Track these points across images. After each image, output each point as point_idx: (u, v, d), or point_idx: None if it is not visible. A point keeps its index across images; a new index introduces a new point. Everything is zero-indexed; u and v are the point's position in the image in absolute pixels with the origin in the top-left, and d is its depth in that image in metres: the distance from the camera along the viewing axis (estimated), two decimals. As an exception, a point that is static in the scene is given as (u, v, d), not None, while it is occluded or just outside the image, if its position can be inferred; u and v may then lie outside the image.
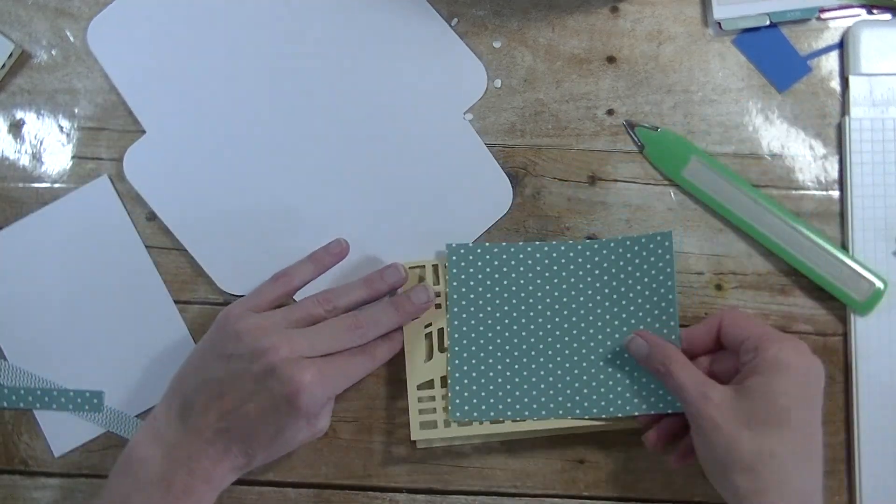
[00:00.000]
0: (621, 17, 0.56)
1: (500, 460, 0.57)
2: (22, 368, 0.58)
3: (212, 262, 0.57)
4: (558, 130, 0.57)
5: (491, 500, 0.57)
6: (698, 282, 0.56)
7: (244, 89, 0.57)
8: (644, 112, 0.56)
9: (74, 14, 0.58)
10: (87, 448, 0.58)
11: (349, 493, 0.58)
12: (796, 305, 0.56)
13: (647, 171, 0.56)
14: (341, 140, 0.57)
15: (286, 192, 0.57)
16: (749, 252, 0.56)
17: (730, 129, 0.56)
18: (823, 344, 0.56)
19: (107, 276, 0.57)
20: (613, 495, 0.57)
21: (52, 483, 0.58)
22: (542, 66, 0.57)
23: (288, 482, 0.58)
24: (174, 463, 0.48)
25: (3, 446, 0.58)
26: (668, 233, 0.53)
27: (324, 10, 0.57)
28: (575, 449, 0.57)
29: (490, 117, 0.57)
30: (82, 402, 0.57)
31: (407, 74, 0.57)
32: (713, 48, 0.56)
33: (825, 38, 0.56)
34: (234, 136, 0.57)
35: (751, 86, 0.56)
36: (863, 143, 0.55)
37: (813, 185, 0.56)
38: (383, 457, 0.57)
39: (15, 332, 0.58)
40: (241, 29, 0.57)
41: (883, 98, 0.55)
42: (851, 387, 0.55)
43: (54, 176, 0.58)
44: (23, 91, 0.58)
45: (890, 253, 0.55)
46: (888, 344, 0.54)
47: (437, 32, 0.57)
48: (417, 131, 0.57)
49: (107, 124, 0.58)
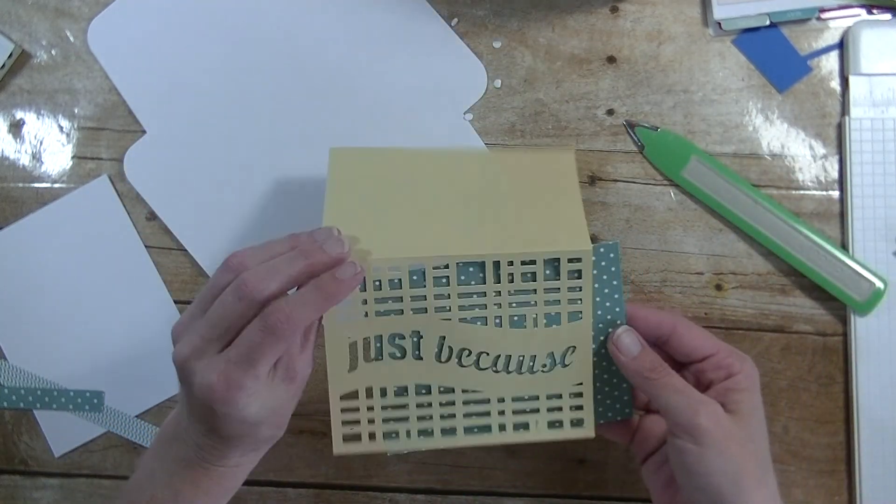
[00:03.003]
0: (621, 17, 0.56)
1: (500, 460, 0.57)
2: (22, 368, 0.58)
3: (212, 262, 0.57)
4: (558, 130, 0.57)
5: (491, 500, 0.57)
6: (698, 282, 0.56)
7: (244, 89, 0.57)
8: (644, 112, 0.56)
9: (74, 14, 0.58)
10: (87, 448, 0.58)
11: (349, 493, 0.58)
12: (796, 305, 0.56)
13: (647, 171, 0.56)
14: (342, 140, 0.57)
15: (286, 192, 0.57)
16: (749, 252, 0.56)
17: (730, 129, 0.56)
18: (823, 344, 0.56)
19: (107, 276, 0.58)
20: (613, 495, 0.57)
21: (52, 483, 0.58)
22: (542, 66, 0.57)
23: (288, 482, 0.58)
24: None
25: (3, 446, 0.58)
26: (615, 244, 0.48)
27: (324, 10, 0.57)
28: (575, 449, 0.57)
29: (490, 117, 0.57)
30: (82, 402, 0.57)
31: (407, 74, 0.57)
32: (713, 48, 0.56)
33: (825, 38, 0.56)
34: (234, 136, 0.57)
35: (751, 86, 0.56)
36: (863, 143, 0.55)
37: (813, 185, 0.56)
38: (383, 457, 0.57)
39: (15, 332, 0.58)
40: (241, 29, 0.57)
41: (883, 98, 0.55)
42: (851, 387, 0.55)
43: (54, 176, 0.58)
44: (23, 91, 0.58)
45: (890, 253, 0.55)
46: (888, 344, 0.54)
47: (437, 32, 0.57)
48: (418, 131, 0.57)
49: (107, 124, 0.58)
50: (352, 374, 0.48)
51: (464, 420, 0.48)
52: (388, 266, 0.46)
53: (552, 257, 0.47)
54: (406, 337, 0.47)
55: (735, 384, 0.46)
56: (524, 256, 0.47)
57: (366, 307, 0.47)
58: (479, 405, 0.48)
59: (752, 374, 0.46)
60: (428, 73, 0.57)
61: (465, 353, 0.48)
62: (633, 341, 0.47)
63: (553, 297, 0.47)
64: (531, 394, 0.48)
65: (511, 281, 0.47)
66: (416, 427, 0.48)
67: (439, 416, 0.48)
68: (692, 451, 0.43)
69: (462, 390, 0.48)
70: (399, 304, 0.47)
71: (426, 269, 0.46)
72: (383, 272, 0.46)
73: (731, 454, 0.43)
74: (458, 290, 0.47)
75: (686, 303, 0.56)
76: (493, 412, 0.48)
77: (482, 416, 0.48)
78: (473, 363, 0.48)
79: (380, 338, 0.47)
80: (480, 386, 0.48)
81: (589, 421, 0.49)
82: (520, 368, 0.48)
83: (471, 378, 0.48)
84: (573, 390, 0.48)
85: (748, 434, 0.44)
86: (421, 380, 0.48)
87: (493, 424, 0.48)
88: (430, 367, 0.48)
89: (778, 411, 0.56)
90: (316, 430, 0.58)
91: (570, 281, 0.47)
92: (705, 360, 0.47)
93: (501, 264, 0.47)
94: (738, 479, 0.43)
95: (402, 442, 0.48)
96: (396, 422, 0.48)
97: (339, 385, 0.48)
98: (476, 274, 0.47)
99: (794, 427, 0.56)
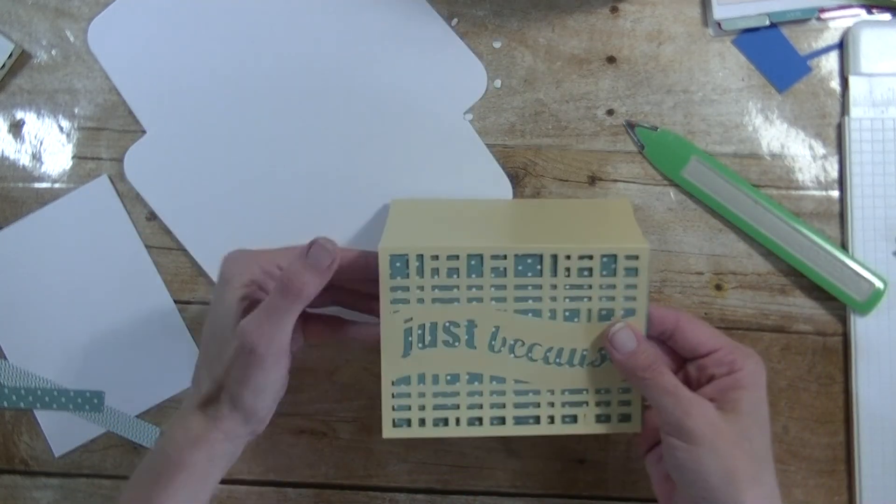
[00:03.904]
0: (621, 17, 0.56)
1: (500, 460, 0.57)
2: (22, 368, 0.58)
3: (212, 262, 0.57)
4: (558, 130, 0.57)
5: (491, 500, 0.57)
6: (698, 282, 0.56)
7: (244, 89, 0.57)
8: (644, 112, 0.56)
9: (74, 14, 0.58)
10: (87, 448, 0.58)
11: (349, 493, 0.58)
12: (796, 305, 0.56)
13: (647, 171, 0.56)
14: (342, 140, 0.57)
15: (286, 192, 0.57)
16: (749, 252, 0.56)
17: (730, 129, 0.56)
18: (823, 344, 0.56)
19: (107, 276, 0.58)
20: (613, 495, 0.57)
21: (52, 483, 0.58)
22: (542, 66, 0.57)
23: (288, 482, 0.58)
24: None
25: (3, 446, 0.58)
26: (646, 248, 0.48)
27: (324, 10, 0.57)
28: (575, 449, 0.57)
29: (490, 117, 0.57)
30: (82, 402, 0.57)
31: (407, 74, 0.57)
32: (713, 48, 0.56)
33: (825, 38, 0.56)
34: (234, 136, 0.57)
35: (751, 86, 0.56)
36: (863, 143, 0.55)
37: (813, 185, 0.56)
38: (383, 457, 0.57)
39: (15, 332, 0.58)
40: (241, 29, 0.57)
41: (883, 98, 0.55)
42: (851, 387, 0.55)
43: (54, 176, 0.58)
44: (23, 91, 0.58)
45: (890, 253, 0.55)
46: (888, 344, 0.54)
47: (437, 32, 0.57)
48: (417, 131, 0.57)
49: (107, 124, 0.58)
50: (405, 359, 0.48)
51: (514, 410, 0.49)
52: (447, 254, 0.47)
53: (610, 254, 0.47)
54: (460, 325, 0.48)
55: (735, 382, 0.46)
56: (582, 251, 0.47)
57: (422, 294, 0.48)
58: (531, 396, 0.49)
59: (755, 371, 0.46)
60: (428, 73, 0.57)
61: (518, 343, 0.49)
62: (629, 337, 0.47)
63: (608, 293, 0.48)
64: (581, 387, 0.49)
65: (567, 275, 0.48)
66: (466, 415, 0.49)
67: (489, 405, 0.49)
68: (684, 449, 0.44)
69: (514, 380, 0.49)
70: (456, 292, 0.48)
71: (484, 257, 0.47)
72: (442, 261, 0.47)
73: (723, 453, 0.43)
74: (514, 282, 0.48)
75: (686, 303, 0.56)
76: (542, 403, 0.49)
77: (532, 406, 0.49)
78: (525, 354, 0.49)
79: (435, 325, 0.48)
80: (531, 377, 0.49)
81: (636, 416, 0.49)
82: (571, 362, 0.49)
83: (522, 369, 0.49)
84: (622, 385, 0.49)
85: (742, 432, 0.44)
86: (473, 368, 0.49)
87: (542, 416, 0.49)
88: (482, 356, 0.49)
89: (778, 411, 0.56)
90: (316, 430, 0.58)
91: (627, 279, 0.48)
92: (709, 355, 0.47)
93: (559, 258, 0.47)
94: (730, 478, 0.43)
95: (451, 429, 0.49)
96: (447, 409, 0.49)
97: (392, 370, 0.48)
98: (533, 267, 0.48)
99: (794, 427, 0.56)
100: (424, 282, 0.47)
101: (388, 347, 0.48)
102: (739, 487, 0.43)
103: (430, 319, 0.48)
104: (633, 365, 0.46)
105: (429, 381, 0.49)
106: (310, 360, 0.58)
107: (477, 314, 0.48)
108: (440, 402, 0.49)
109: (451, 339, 0.48)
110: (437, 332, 0.48)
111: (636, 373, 0.46)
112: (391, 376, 0.49)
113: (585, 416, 0.49)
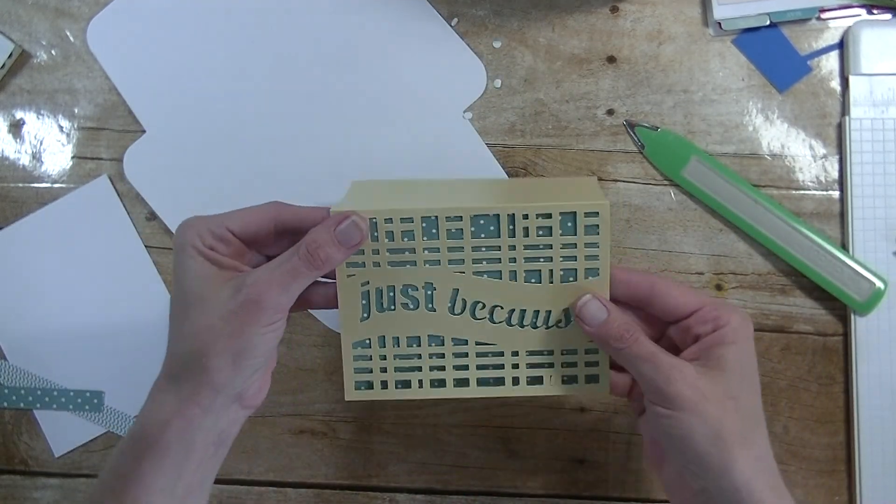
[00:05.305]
0: (621, 17, 0.56)
1: (500, 460, 0.57)
2: (22, 368, 0.58)
3: (212, 262, 0.57)
4: (558, 130, 0.57)
5: (491, 500, 0.57)
6: (698, 282, 0.56)
7: (244, 89, 0.57)
8: (644, 112, 0.56)
9: (74, 14, 0.58)
10: (87, 448, 0.58)
11: (349, 493, 0.58)
12: (796, 305, 0.56)
13: (647, 171, 0.56)
14: (341, 139, 0.57)
15: (286, 192, 0.57)
16: (749, 252, 0.56)
17: (730, 129, 0.56)
18: (823, 344, 0.56)
19: (107, 276, 0.58)
20: (613, 495, 0.57)
21: (52, 483, 0.58)
22: (542, 66, 0.57)
23: (288, 482, 0.58)
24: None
25: (3, 446, 0.58)
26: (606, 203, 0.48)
27: (323, 9, 0.57)
28: (575, 449, 0.57)
29: (490, 117, 0.57)
30: (82, 402, 0.57)
31: (407, 74, 0.57)
32: (713, 48, 0.56)
33: (825, 38, 0.56)
34: (234, 136, 0.57)
35: (751, 86, 0.56)
36: (863, 143, 0.55)
37: (813, 185, 0.56)
38: (383, 457, 0.57)
39: (15, 332, 0.58)
40: (241, 28, 0.57)
41: (883, 98, 0.55)
42: (851, 387, 0.55)
43: (54, 176, 0.58)
44: (23, 91, 0.58)
45: (890, 253, 0.55)
46: (888, 344, 0.54)
47: (437, 32, 0.57)
48: (417, 131, 0.57)
49: (107, 124, 0.58)
50: (364, 323, 0.48)
51: (477, 372, 0.49)
52: (401, 217, 0.47)
53: (569, 211, 0.47)
54: (419, 288, 0.48)
55: (720, 338, 0.44)
56: (540, 210, 0.47)
57: (378, 257, 0.47)
58: (493, 357, 0.49)
59: (740, 325, 0.44)
60: (428, 73, 0.57)
61: (478, 305, 0.48)
62: (598, 308, 0.46)
63: (570, 252, 0.47)
64: (546, 349, 0.49)
65: (526, 235, 0.47)
66: (428, 377, 0.49)
67: (452, 367, 0.49)
68: (668, 416, 0.43)
69: (476, 342, 0.49)
70: (412, 255, 0.48)
71: (439, 219, 0.47)
72: (396, 223, 0.47)
73: (709, 416, 0.42)
74: (472, 244, 0.47)
75: (686, 303, 0.56)
76: (506, 365, 0.49)
77: (496, 368, 0.49)
78: (487, 316, 0.48)
79: (392, 288, 0.48)
80: (494, 339, 0.49)
81: (604, 377, 0.49)
82: (535, 323, 0.48)
83: (484, 331, 0.49)
84: (588, 346, 0.48)
85: (727, 391, 0.43)
86: (434, 331, 0.49)
87: (507, 377, 0.49)
88: (443, 318, 0.48)
89: (778, 411, 0.56)
90: (316, 430, 0.58)
91: (588, 237, 0.47)
92: (692, 315, 0.46)
93: (516, 217, 0.47)
94: (718, 440, 0.42)
95: (414, 391, 0.49)
96: (409, 371, 0.49)
97: (351, 332, 0.48)
98: (489, 227, 0.47)
99: (794, 427, 0.56)
100: (379, 245, 0.47)
101: (345, 310, 0.48)
102: (728, 450, 0.42)
103: (387, 283, 0.48)
104: (607, 335, 0.45)
105: (389, 343, 0.49)
106: (310, 360, 0.58)
107: (435, 277, 0.48)
108: (402, 364, 0.49)
109: (410, 302, 0.48)
110: (396, 296, 0.48)
111: (611, 343, 0.45)
112: (351, 339, 0.48)
113: (551, 377, 0.49)
